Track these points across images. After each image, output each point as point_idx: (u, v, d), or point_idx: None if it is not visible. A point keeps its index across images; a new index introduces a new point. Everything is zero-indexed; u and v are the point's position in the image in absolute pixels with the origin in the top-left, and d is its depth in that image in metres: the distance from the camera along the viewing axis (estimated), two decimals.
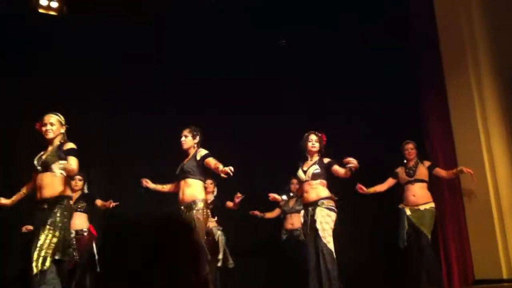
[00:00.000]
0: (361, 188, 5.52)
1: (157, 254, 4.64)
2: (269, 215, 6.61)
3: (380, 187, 5.64)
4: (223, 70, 7.02)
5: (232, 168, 4.07)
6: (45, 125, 4.08)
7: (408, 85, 6.31)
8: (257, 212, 6.50)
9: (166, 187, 4.85)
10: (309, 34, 7.14)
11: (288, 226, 6.36)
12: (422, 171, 5.51)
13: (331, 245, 4.53)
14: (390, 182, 5.67)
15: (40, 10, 5.49)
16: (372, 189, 5.60)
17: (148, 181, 4.84)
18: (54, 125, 4.10)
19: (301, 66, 7.31)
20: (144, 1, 6.00)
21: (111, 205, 5.60)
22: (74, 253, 4.67)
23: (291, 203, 6.41)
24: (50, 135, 4.08)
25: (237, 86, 7.15)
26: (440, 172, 5.56)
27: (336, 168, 4.66)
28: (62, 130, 4.15)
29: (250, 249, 7.00)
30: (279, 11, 6.80)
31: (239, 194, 5.74)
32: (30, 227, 5.01)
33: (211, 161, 4.40)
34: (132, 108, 6.69)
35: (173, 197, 4.82)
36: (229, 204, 6.00)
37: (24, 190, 4.30)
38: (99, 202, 5.70)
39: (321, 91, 7.17)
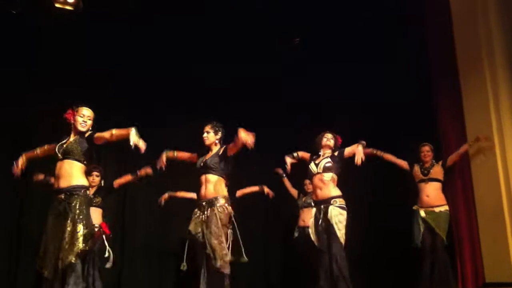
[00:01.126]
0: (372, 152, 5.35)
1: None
2: (287, 183, 6.61)
3: (394, 159, 5.60)
4: (226, 69, 6.98)
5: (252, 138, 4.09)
6: (83, 116, 4.12)
7: (422, 85, 6.25)
8: (280, 170, 6.44)
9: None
10: (320, 31, 7.07)
11: (300, 223, 6.41)
12: (437, 170, 5.50)
13: (342, 246, 4.60)
14: (403, 162, 5.63)
15: (57, 5, 5.53)
16: (385, 154, 5.54)
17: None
18: (91, 120, 4.16)
19: (311, 65, 7.26)
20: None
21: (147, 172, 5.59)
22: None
23: (304, 198, 6.47)
24: (85, 129, 4.13)
25: (241, 84, 7.12)
26: (452, 157, 5.52)
27: (348, 149, 4.76)
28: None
29: (262, 245, 7.03)
30: (285, 10, 6.71)
31: None
32: (41, 176, 5.18)
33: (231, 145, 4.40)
34: (142, 104, 6.70)
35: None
36: None
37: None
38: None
39: (333, 91, 7.16)
